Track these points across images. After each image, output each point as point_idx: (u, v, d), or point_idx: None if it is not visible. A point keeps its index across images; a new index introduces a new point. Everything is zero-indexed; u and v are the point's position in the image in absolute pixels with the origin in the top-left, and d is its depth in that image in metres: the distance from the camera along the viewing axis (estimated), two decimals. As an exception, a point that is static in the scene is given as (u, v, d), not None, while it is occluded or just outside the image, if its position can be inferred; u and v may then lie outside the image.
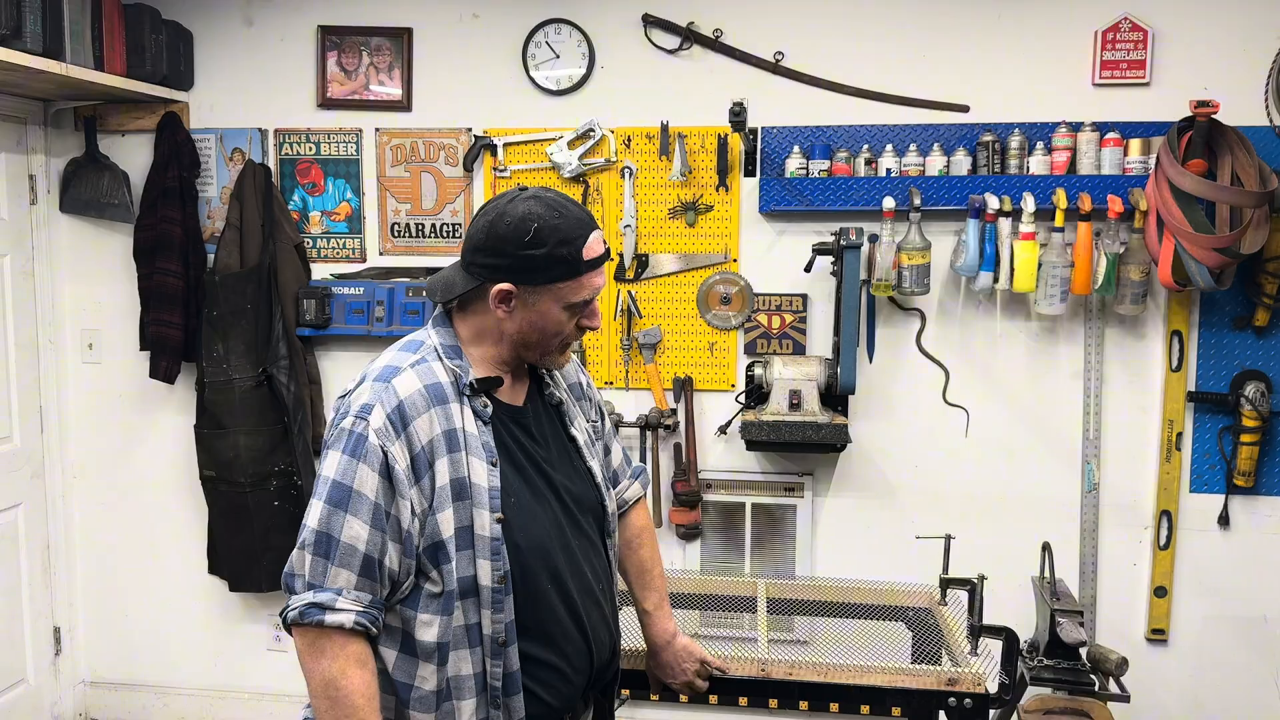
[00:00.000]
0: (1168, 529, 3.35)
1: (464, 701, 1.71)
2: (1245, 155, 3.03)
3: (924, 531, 2.94)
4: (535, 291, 1.71)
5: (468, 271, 1.74)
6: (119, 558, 3.93)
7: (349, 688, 1.60)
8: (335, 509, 1.62)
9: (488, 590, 1.70)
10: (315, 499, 1.64)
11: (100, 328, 3.84)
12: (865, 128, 3.36)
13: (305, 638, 1.62)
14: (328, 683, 1.61)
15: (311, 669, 1.62)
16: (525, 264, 1.69)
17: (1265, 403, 3.22)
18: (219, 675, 3.92)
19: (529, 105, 3.52)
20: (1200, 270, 3.01)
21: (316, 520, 1.62)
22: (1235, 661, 3.39)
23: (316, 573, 1.61)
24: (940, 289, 3.38)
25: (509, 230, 1.68)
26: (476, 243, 1.72)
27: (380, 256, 3.67)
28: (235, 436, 3.54)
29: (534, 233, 1.67)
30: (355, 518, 1.61)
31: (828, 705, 2.38)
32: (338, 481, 1.63)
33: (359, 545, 1.61)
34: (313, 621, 1.60)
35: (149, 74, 3.47)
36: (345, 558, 1.61)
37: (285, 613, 1.63)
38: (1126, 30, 3.23)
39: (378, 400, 1.66)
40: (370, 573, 1.63)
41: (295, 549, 1.64)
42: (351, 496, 1.62)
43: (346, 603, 1.61)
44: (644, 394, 3.55)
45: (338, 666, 1.60)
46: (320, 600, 1.60)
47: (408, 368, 1.71)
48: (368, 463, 1.63)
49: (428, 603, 1.69)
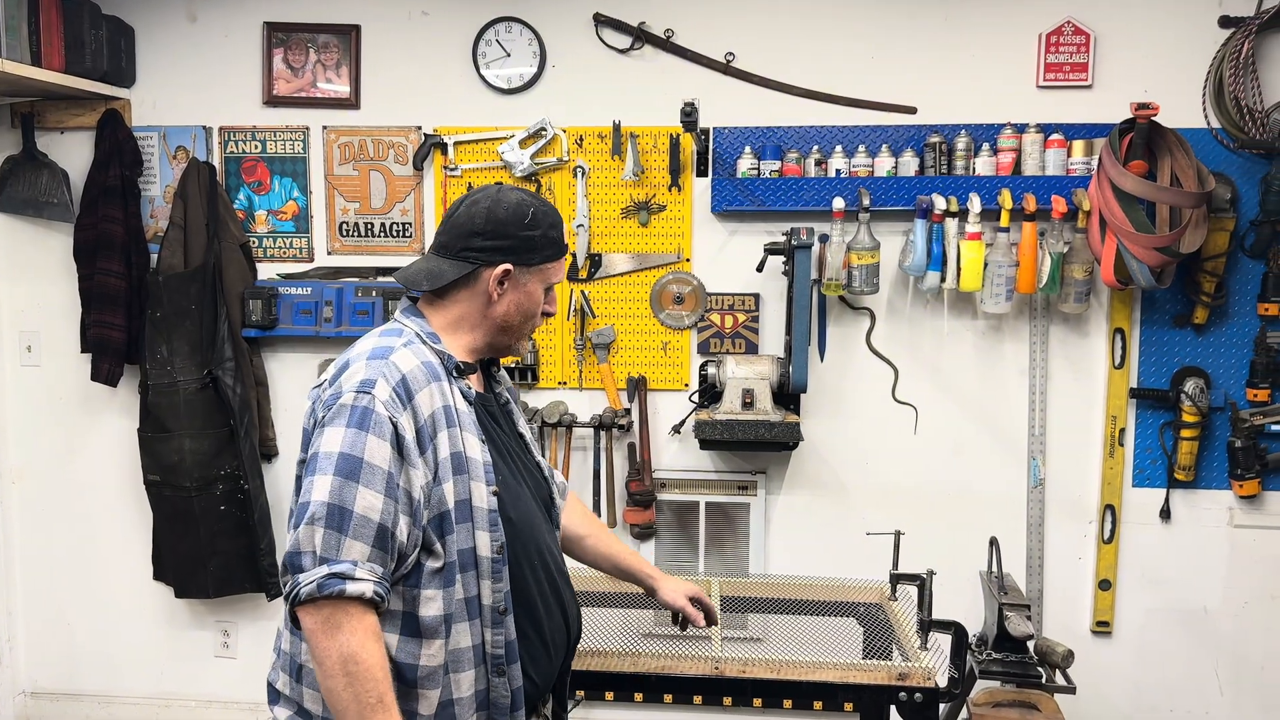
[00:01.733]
0: (1111, 523, 3.42)
1: (463, 674, 1.73)
2: (1184, 156, 3.10)
3: (875, 528, 2.97)
4: (528, 272, 1.83)
5: (459, 259, 1.80)
6: (60, 565, 3.83)
7: (369, 661, 1.57)
8: (347, 480, 1.60)
9: (487, 561, 1.74)
10: (318, 475, 1.61)
11: (39, 330, 3.75)
12: (815, 129, 3.38)
13: (320, 613, 1.57)
14: (346, 658, 1.56)
15: (327, 647, 1.57)
16: (525, 245, 1.81)
17: (1204, 399, 3.29)
18: (165, 683, 3.84)
19: (480, 104, 3.50)
20: (1142, 269, 3.07)
21: (326, 493, 1.59)
22: (1177, 652, 3.46)
23: (329, 546, 1.58)
24: (889, 288, 3.42)
25: (509, 214, 1.80)
26: (475, 228, 1.79)
27: (329, 256, 3.63)
28: (180, 440, 3.48)
29: (531, 215, 1.81)
30: (368, 488, 1.60)
31: (781, 702, 2.39)
32: (346, 454, 1.61)
33: (373, 516, 1.60)
34: (333, 593, 1.56)
35: (89, 70, 3.39)
36: (359, 529, 1.59)
37: (297, 590, 1.57)
38: (1069, 34, 3.29)
39: (379, 375, 1.67)
40: (383, 544, 1.61)
41: (301, 526, 1.59)
42: (363, 467, 1.61)
43: (363, 573, 1.58)
44: (598, 394, 3.55)
45: (356, 640, 1.57)
46: (339, 570, 1.57)
47: (401, 347, 1.74)
48: (377, 433, 1.63)
49: (430, 578, 1.69)
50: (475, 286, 1.81)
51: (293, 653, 1.74)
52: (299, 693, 1.74)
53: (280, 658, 1.79)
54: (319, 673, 1.59)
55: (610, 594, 2.79)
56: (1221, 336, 3.33)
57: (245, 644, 3.76)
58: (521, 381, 3.54)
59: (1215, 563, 3.42)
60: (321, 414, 1.69)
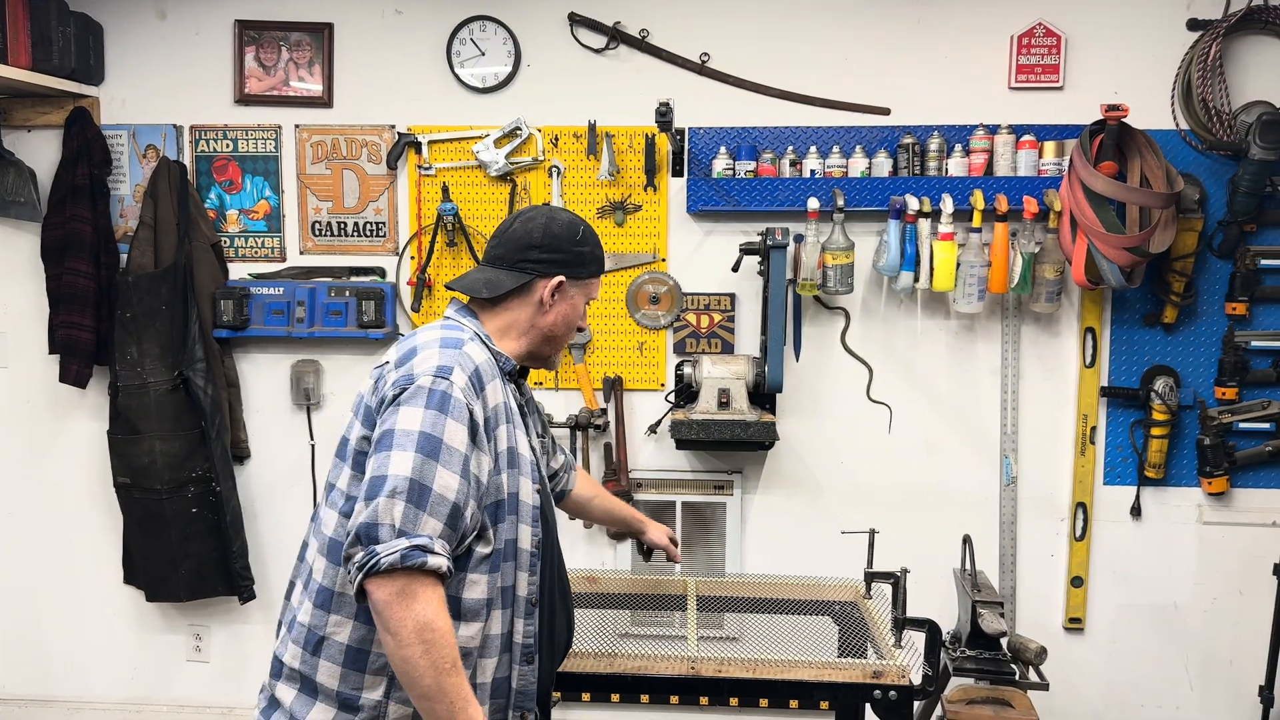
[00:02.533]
0: (1083, 520, 3.45)
1: (489, 660, 1.81)
2: (1154, 158, 3.13)
3: (850, 527, 2.98)
4: (577, 285, 1.96)
5: (516, 269, 1.91)
6: (29, 569, 3.78)
7: (443, 628, 1.62)
8: (428, 459, 1.64)
9: (526, 554, 1.85)
10: (396, 450, 1.64)
11: (6, 331, 3.69)
12: (790, 129, 3.39)
13: (394, 584, 1.59)
14: (423, 625, 1.59)
15: (402, 617, 1.59)
16: (577, 259, 1.94)
17: (1174, 397, 3.33)
18: (136, 688, 3.80)
19: (454, 103, 3.48)
20: (1112, 269, 3.10)
21: (409, 468, 1.63)
22: (1148, 648, 3.50)
23: (409, 520, 1.61)
24: (864, 288, 3.43)
25: (563, 230, 1.93)
26: (532, 241, 1.91)
27: (301, 255, 3.60)
28: (150, 442, 3.44)
29: (582, 233, 1.96)
30: (446, 469, 1.66)
31: (757, 701, 2.39)
32: (427, 433, 1.66)
33: (449, 495, 1.65)
34: (415, 564, 1.59)
35: (56, 67, 3.35)
36: (436, 506, 1.64)
37: (376, 559, 1.59)
38: (1041, 35, 3.31)
39: (455, 363, 1.74)
40: (455, 523, 1.67)
41: (380, 497, 1.61)
42: (443, 448, 1.66)
43: (440, 548, 1.63)
44: (574, 394, 3.54)
45: (432, 609, 1.60)
46: (420, 543, 1.60)
47: (469, 340, 1.82)
48: (456, 417, 1.69)
49: (478, 563, 1.76)
50: (529, 296, 1.92)
51: (313, 625, 1.76)
52: (313, 665, 1.75)
53: (294, 630, 1.80)
54: (392, 643, 1.61)
55: (585, 594, 2.78)
56: (1190, 335, 3.37)
57: (218, 647, 3.72)
58: (497, 382, 3.53)
59: (1185, 559, 3.46)
60: (393, 393, 1.72)
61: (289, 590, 1.90)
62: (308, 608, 1.78)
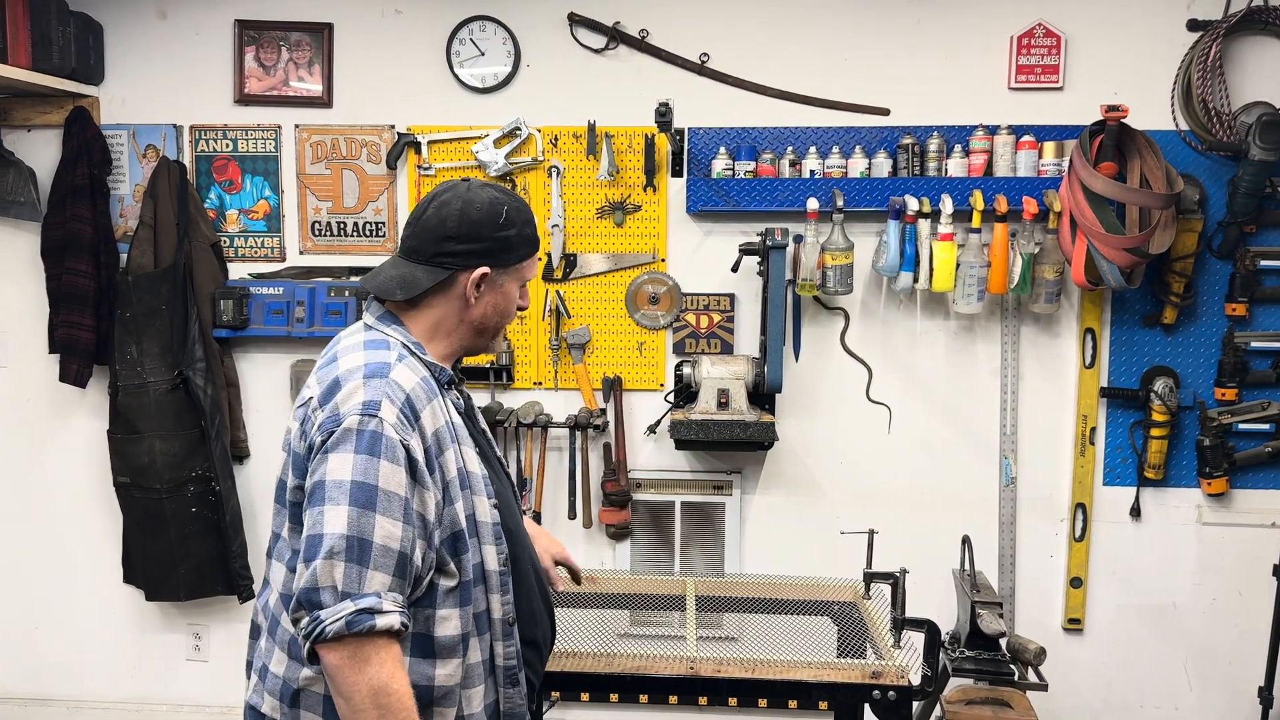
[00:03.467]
0: (1083, 521, 3.45)
1: (474, 689, 1.72)
2: (1154, 158, 3.13)
3: (849, 527, 2.99)
4: (505, 272, 1.78)
5: (433, 264, 1.73)
6: (28, 568, 3.78)
7: (399, 690, 1.54)
8: (364, 510, 1.53)
9: (495, 575, 1.73)
10: (329, 505, 1.54)
11: (6, 330, 3.69)
12: (789, 130, 3.39)
13: (345, 649, 1.51)
14: (377, 690, 1.52)
15: (355, 682, 1.52)
16: (501, 245, 1.75)
17: (1173, 398, 3.33)
18: (135, 687, 3.80)
19: (454, 103, 3.48)
20: (1112, 269, 3.10)
21: (345, 525, 1.52)
22: (1147, 649, 3.50)
23: (351, 580, 1.52)
24: (863, 289, 3.43)
25: (482, 215, 1.73)
26: (448, 232, 1.72)
27: (301, 256, 3.60)
28: (150, 441, 3.44)
29: (506, 215, 1.75)
30: (386, 517, 1.55)
31: (756, 701, 2.40)
32: (360, 482, 1.54)
33: (393, 545, 1.55)
34: (363, 629, 1.50)
35: (56, 67, 3.35)
36: (380, 560, 1.54)
37: (321, 628, 1.50)
38: (1041, 36, 3.31)
39: (382, 395, 1.60)
40: (403, 572, 1.57)
41: (318, 560, 1.52)
42: (379, 495, 1.55)
43: (389, 604, 1.53)
44: (573, 394, 3.54)
45: (386, 671, 1.53)
46: (366, 605, 1.51)
47: (396, 363, 1.67)
48: (390, 458, 1.57)
49: (445, 597, 1.67)
50: (451, 291, 1.75)
51: (288, 677, 1.67)
52: (294, 718, 1.67)
53: (267, 680, 1.70)
54: (346, 707, 1.54)
55: (584, 594, 2.78)
56: (1190, 336, 3.37)
57: (217, 647, 3.72)
58: (496, 382, 3.53)
59: (1184, 560, 3.46)
60: (320, 438, 1.59)
61: (253, 630, 1.80)
62: (279, 657, 1.69)
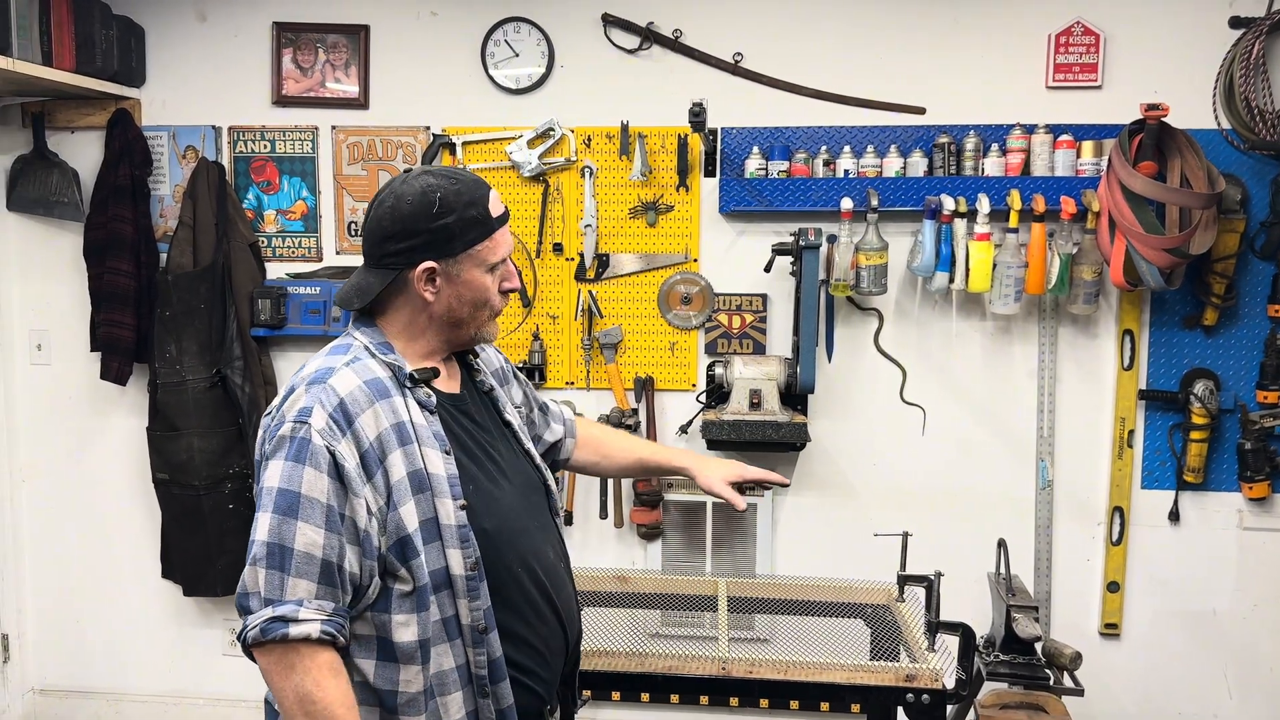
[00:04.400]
0: (1120, 525, 3.41)
1: (450, 696, 1.67)
2: (1194, 157, 3.08)
3: (882, 529, 2.96)
4: (457, 262, 1.70)
5: (381, 267, 1.70)
6: (70, 563, 3.85)
7: (326, 699, 1.53)
8: (285, 517, 1.54)
9: (461, 579, 1.66)
10: (260, 512, 1.57)
11: (49, 328, 3.76)
12: (823, 129, 3.38)
13: (270, 656, 1.54)
14: (302, 697, 1.52)
15: (282, 687, 1.53)
16: (440, 235, 1.68)
17: (1214, 400, 3.28)
18: (173, 681, 3.86)
19: (488, 104, 3.50)
20: (1151, 270, 3.06)
21: (266, 532, 1.54)
22: (1186, 655, 3.45)
23: (273, 587, 1.53)
24: (897, 289, 3.41)
25: (413, 208, 1.67)
26: (385, 232, 1.68)
27: (337, 255, 3.64)
28: (189, 438, 3.49)
29: (439, 202, 1.67)
30: (307, 524, 1.54)
31: (788, 703, 2.39)
32: (283, 489, 1.56)
33: (315, 552, 1.54)
34: (276, 636, 1.51)
35: (99, 70, 3.40)
36: (302, 567, 1.53)
37: (244, 634, 1.54)
38: (1079, 34, 3.28)
39: (315, 402, 1.60)
40: (330, 579, 1.55)
41: (246, 568, 1.55)
42: (301, 502, 1.55)
43: (309, 612, 1.53)
44: (605, 394, 3.55)
45: (311, 679, 1.52)
46: (281, 613, 1.52)
47: (342, 367, 1.66)
48: (314, 465, 1.56)
49: (400, 602, 1.63)
50: (408, 290, 1.71)
51: None
52: None
53: None
54: (281, 711, 1.56)
55: (616, 594, 2.79)
56: (1231, 338, 3.31)
57: (253, 642, 3.77)
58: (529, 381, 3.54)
59: (1224, 565, 3.41)
60: (267, 446, 1.62)
61: None
62: None
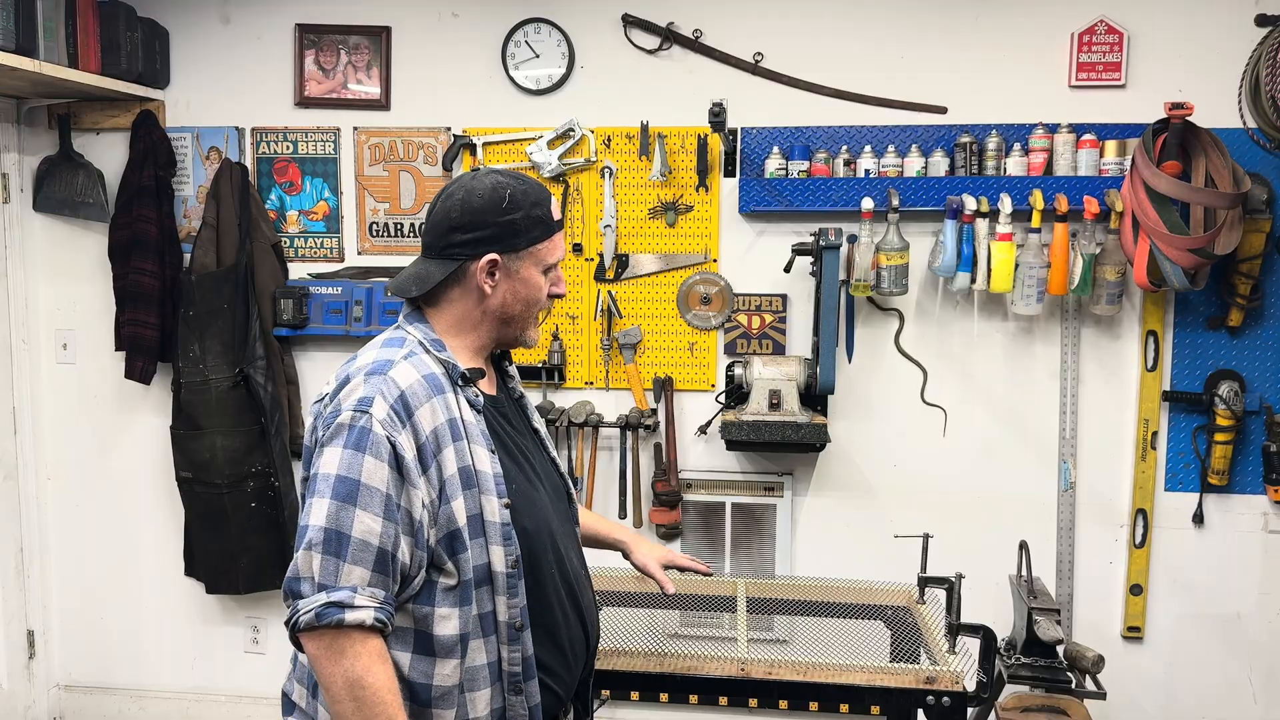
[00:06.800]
0: (1143, 527, 3.38)
1: (479, 692, 1.68)
2: (1219, 157, 3.06)
3: (902, 530, 2.96)
4: (518, 258, 1.75)
5: (444, 257, 1.73)
6: (94, 560, 3.89)
7: (375, 684, 1.54)
8: (344, 504, 1.55)
9: (502, 576, 1.68)
10: (316, 498, 1.57)
11: (74, 328, 3.80)
12: (844, 129, 3.37)
13: (321, 640, 1.54)
14: (352, 682, 1.53)
15: (332, 672, 1.54)
16: (507, 230, 1.72)
17: (1239, 402, 3.25)
18: (196, 677, 3.89)
19: (509, 104, 3.52)
20: (1175, 270, 3.04)
21: (324, 518, 1.55)
22: (1210, 659, 3.42)
23: (328, 572, 1.54)
24: (918, 289, 3.40)
25: (484, 202, 1.72)
26: (452, 223, 1.72)
27: (359, 256, 3.66)
28: (212, 437, 3.52)
29: (509, 198, 1.72)
30: (366, 511, 1.55)
31: (807, 704, 2.38)
32: (343, 476, 1.56)
33: (372, 540, 1.55)
34: (332, 622, 1.52)
35: (124, 72, 3.44)
36: (358, 554, 1.55)
37: (296, 618, 1.54)
38: (1102, 33, 3.25)
39: (377, 392, 1.61)
40: (384, 568, 1.57)
41: (299, 552, 1.56)
42: (360, 490, 1.56)
43: (364, 599, 1.54)
44: (624, 394, 3.55)
45: (361, 664, 1.54)
46: (337, 599, 1.53)
47: (401, 360, 1.68)
48: (375, 454, 1.57)
49: (444, 596, 1.64)
50: (466, 283, 1.74)
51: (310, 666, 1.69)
52: (314, 708, 1.70)
53: (297, 669, 1.76)
54: (326, 697, 1.57)
55: (635, 594, 2.79)
56: (1257, 339, 3.28)
57: (275, 640, 3.80)
58: (548, 381, 3.56)
59: (1249, 568, 3.37)
60: (321, 433, 1.63)
61: None
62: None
